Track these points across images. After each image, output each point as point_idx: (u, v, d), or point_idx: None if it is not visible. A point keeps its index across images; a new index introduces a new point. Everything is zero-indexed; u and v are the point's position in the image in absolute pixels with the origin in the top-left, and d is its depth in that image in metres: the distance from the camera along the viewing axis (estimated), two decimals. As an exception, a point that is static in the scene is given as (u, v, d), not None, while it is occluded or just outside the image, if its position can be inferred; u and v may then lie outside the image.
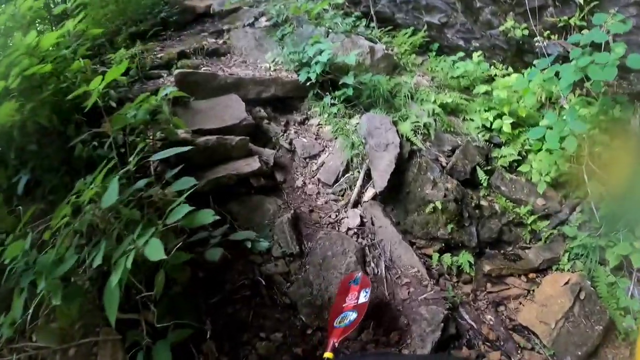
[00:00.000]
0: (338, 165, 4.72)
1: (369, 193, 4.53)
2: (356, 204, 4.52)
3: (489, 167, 4.97)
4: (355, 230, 4.24)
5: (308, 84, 5.16)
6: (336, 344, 2.89)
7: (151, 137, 4.13)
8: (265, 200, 4.31)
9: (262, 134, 4.99)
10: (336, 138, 5.03)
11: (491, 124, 5.17)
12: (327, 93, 5.25)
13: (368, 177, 4.63)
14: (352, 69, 5.24)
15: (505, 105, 5.09)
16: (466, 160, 4.90)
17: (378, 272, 4.02)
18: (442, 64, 5.91)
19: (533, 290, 4.24)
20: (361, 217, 4.36)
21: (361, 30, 6.22)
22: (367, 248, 4.15)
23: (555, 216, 4.72)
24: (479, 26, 5.92)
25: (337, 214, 4.41)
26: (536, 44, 5.18)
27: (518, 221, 4.74)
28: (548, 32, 5.12)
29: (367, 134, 4.78)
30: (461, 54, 5.85)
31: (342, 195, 4.60)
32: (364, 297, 3.29)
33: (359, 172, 4.66)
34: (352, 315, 3.13)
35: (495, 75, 5.71)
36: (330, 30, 5.81)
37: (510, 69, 5.69)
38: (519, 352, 3.76)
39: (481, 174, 4.86)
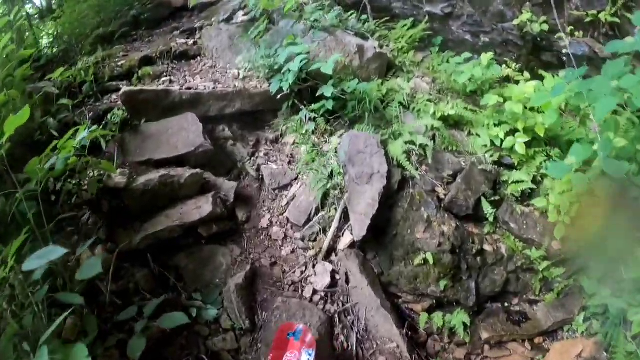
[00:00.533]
0: (311, 202, 3.73)
1: (346, 239, 3.54)
2: (330, 251, 3.54)
3: (496, 198, 3.86)
4: (324, 293, 3.29)
5: (280, 95, 4.09)
6: None
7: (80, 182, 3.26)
8: (219, 252, 3.41)
9: (226, 158, 4.03)
10: (313, 161, 4.01)
11: (502, 141, 4.01)
12: (305, 105, 4.19)
13: (346, 216, 3.62)
14: (333, 76, 4.11)
15: (520, 121, 3.91)
16: (469, 191, 3.80)
17: (348, 346, 3.09)
18: (445, 65, 4.68)
19: (539, 360, 3.25)
20: (333, 273, 3.39)
21: (352, 23, 5.03)
22: (336, 316, 3.20)
23: (573, 262, 3.61)
24: (489, 18, 4.69)
25: (304, 268, 3.46)
26: (557, 42, 3.95)
27: (528, 266, 3.65)
28: (572, 28, 3.93)
29: (348, 161, 3.74)
30: (467, 54, 4.59)
31: (314, 240, 3.62)
32: None
33: (335, 209, 3.66)
34: None
35: (508, 77, 4.48)
36: (313, 27, 4.67)
37: (526, 73, 4.42)
38: None
39: (487, 207, 3.76)
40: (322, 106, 4.03)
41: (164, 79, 4.35)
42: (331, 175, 3.81)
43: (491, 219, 3.74)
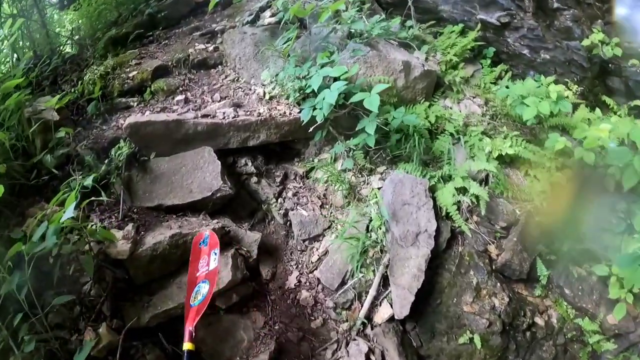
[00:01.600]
0: (346, 261, 2.82)
1: (384, 311, 2.68)
2: (366, 322, 2.66)
3: (552, 257, 2.95)
4: (358, 381, 2.45)
5: (313, 127, 3.09)
6: (192, 331, 2.08)
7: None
8: (240, 324, 2.57)
9: (248, 198, 3.11)
10: (348, 204, 3.07)
11: (565, 189, 3.04)
12: (340, 132, 3.20)
13: (386, 280, 2.73)
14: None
15: (591, 169, 2.92)
16: (525, 252, 2.90)
17: None
18: (503, 90, 3.56)
19: None
20: (368, 354, 2.53)
21: (395, 28, 3.91)
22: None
23: (626, 337, 2.76)
24: (552, 34, 3.58)
25: (336, 347, 2.60)
26: (629, 68, 2.94)
27: (577, 338, 2.80)
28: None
29: (391, 216, 2.83)
30: (532, 83, 3.48)
31: (348, 309, 2.74)
32: (214, 262, 2.37)
33: (373, 272, 2.76)
34: (204, 288, 2.24)
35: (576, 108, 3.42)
36: (351, 35, 3.58)
37: (597, 110, 3.36)
38: None
39: (541, 268, 2.92)
40: (361, 140, 3.03)
41: (178, 97, 3.35)
42: (369, 228, 2.89)
43: (544, 281, 2.90)
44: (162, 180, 2.88)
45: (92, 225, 2.42)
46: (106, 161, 2.89)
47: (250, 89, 3.48)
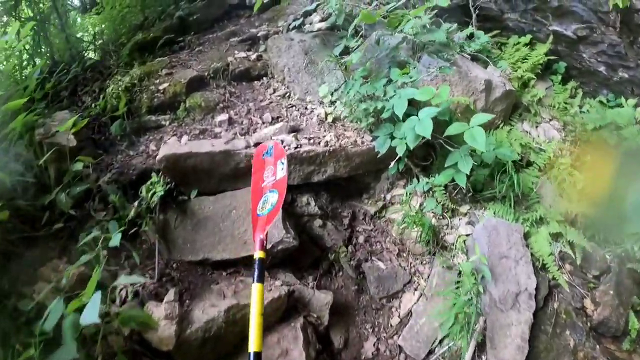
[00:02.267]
0: (434, 325, 2.09)
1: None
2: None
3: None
4: None
5: (394, 162, 2.35)
6: (264, 240, 1.76)
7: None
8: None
9: (312, 244, 2.34)
10: (430, 253, 2.34)
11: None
12: (417, 165, 2.46)
13: (481, 348, 2.02)
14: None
15: None
16: (621, 307, 2.22)
17: None
18: (588, 116, 2.85)
19: None
20: None
21: (457, 39, 3.14)
22: None
23: None
24: (635, 51, 2.87)
25: None
26: None
27: None
28: None
29: (489, 277, 2.07)
30: (601, 98, 2.77)
31: (441, 391, 2.02)
32: (281, 170, 2.00)
33: (467, 341, 2.03)
34: (273, 197, 1.89)
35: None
36: (421, 47, 2.81)
37: None
38: None
39: (633, 321, 2.23)
40: (448, 178, 2.28)
41: (219, 117, 2.57)
42: (458, 283, 2.16)
43: (634, 335, 2.23)
44: (207, 227, 2.11)
45: (123, 305, 1.68)
46: (136, 202, 2.11)
47: (306, 108, 2.70)
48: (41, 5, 3.43)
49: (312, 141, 2.31)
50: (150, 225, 2.14)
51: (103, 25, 4.05)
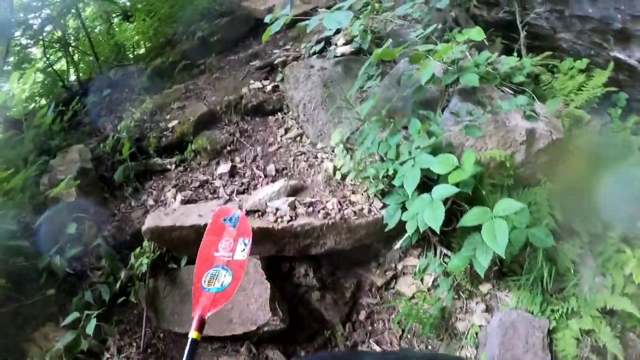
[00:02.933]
0: None
1: None
2: None
3: None
4: None
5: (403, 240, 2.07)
6: (205, 320, 1.59)
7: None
8: None
9: (308, 316, 2.15)
10: (438, 337, 2.04)
11: None
12: (434, 234, 2.12)
13: None
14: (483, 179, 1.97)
15: None
16: None
17: None
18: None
19: None
20: None
21: (501, 64, 2.61)
22: None
23: None
24: None
25: None
26: None
27: None
28: None
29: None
30: None
31: None
32: (241, 252, 1.79)
33: None
34: (226, 278, 1.71)
35: None
36: (452, 82, 2.37)
37: None
38: None
39: None
40: (465, 264, 1.93)
41: (222, 167, 2.40)
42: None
43: None
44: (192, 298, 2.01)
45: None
46: (127, 267, 2.06)
47: (316, 158, 2.44)
48: (69, 22, 3.45)
49: (311, 209, 2.06)
50: (141, 289, 2.09)
51: (136, 38, 4.03)
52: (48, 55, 3.50)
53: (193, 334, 1.52)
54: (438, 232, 1.76)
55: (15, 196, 2.16)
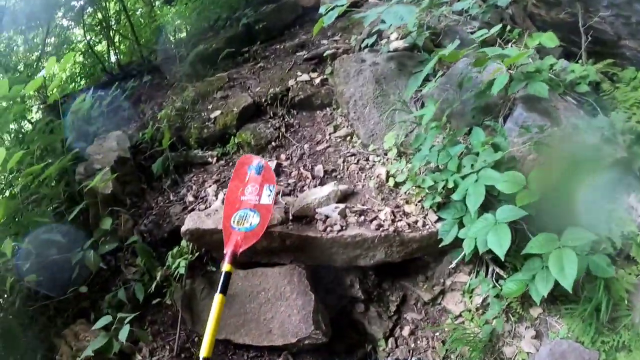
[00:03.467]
0: None
1: None
2: None
3: None
4: None
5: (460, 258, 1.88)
6: (235, 253, 1.70)
7: None
8: None
9: (350, 328, 2.00)
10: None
11: None
12: (489, 252, 1.91)
13: None
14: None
15: None
16: None
17: None
18: None
19: None
20: None
21: (564, 69, 2.33)
22: None
23: None
24: None
25: None
26: None
27: None
28: None
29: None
30: None
31: None
32: (267, 197, 1.88)
33: None
34: (254, 219, 1.79)
35: None
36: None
37: None
38: None
39: None
40: (522, 289, 1.72)
41: (269, 162, 2.25)
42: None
43: None
44: (233, 306, 1.88)
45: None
46: (164, 266, 1.95)
47: (367, 160, 2.26)
48: (111, 5, 3.36)
49: (362, 218, 1.90)
50: (177, 290, 1.99)
51: (178, 22, 3.92)
52: (89, 38, 3.42)
53: (226, 267, 1.65)
54: (503, 259, 1.57)
55: (49, 185, 2.08)
